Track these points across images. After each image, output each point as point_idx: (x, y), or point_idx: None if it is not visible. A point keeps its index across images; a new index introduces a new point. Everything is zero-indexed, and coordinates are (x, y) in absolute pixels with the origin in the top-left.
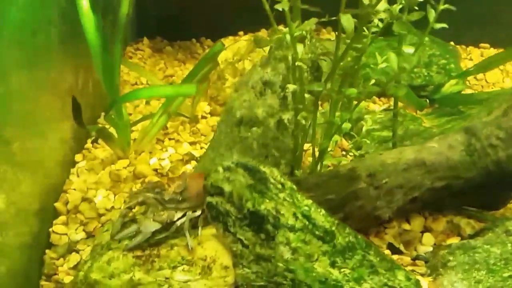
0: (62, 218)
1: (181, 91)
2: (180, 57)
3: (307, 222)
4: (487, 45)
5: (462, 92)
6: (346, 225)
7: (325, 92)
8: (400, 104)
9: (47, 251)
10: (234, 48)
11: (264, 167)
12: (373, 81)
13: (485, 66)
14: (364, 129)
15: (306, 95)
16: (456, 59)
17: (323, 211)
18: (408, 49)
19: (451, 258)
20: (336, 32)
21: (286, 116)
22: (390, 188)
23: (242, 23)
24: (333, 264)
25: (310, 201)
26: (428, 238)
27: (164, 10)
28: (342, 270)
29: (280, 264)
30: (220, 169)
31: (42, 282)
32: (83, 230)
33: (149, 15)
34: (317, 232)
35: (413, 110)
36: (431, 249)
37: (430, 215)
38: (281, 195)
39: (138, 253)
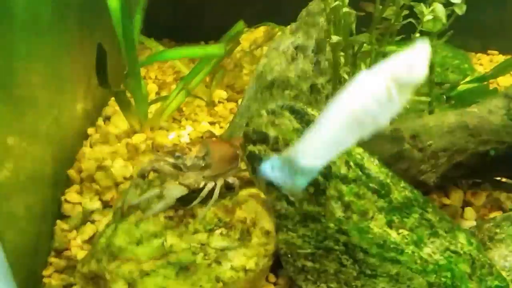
0: (76, 187)
1: (209, 52)
2: (188, 63)
3: (360, 172)
4: (496, 52)
5: None
6: (400, 178)
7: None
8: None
9: (58, 222)
10: (251, 38)
11: (312, 109)
12: None
13: (503, 69)
14: None
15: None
16: (468, 60)
17: (376, 161)
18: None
19: (497, 230)
20: None
21: (320, 81)
22: (434, 151)
23: (249, 24)
24: (390, 224)
25: (361, 149)
26: (470, 213)
27: (171, 12)
28: (400, 231)
29: (331, 224)
30: (264, 112)
31: (51, 259)
32: (99, 199)
33: (156, 17)
34: (371, 185)
35: None
36: (474, 223)
37: (469, 190)
38: None
39: (171, 213)
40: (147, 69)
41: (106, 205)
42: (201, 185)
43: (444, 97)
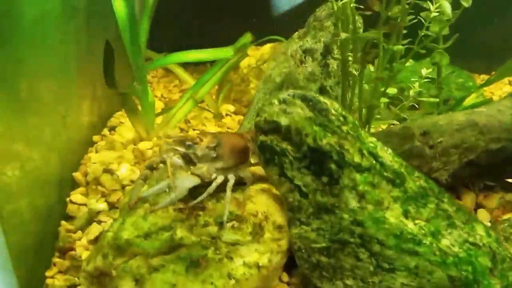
0: (81, 189)
1: (218, 55)
2: (194, 76)
3: (374, 161)
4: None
5: None
6: (414, 167)
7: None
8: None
9: (62, 222)
10: (257, 55)
11: (324, 98)
12: None
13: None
14: (411, 92)
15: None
16: (472, 79)
17: (389, 150)
18: None
19: None
20: None
21: (329, 83)
22: (445, 148)
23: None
24: (406, 214)
25: (374, 138)
26: (483, 214)
27: (176, 33)
28: (416, 221)
29: (346, 216)
30: (275, 101)
31: (55, 259)
32: (105, 201)
33: (161, 38)
34: (386, 174)
35: None
36: (489, 224)
37: (481, 192)
38: (344, 128)
39: (180, 205)
40: (153, 87)
41: (112, 206)
42: (213, 177)
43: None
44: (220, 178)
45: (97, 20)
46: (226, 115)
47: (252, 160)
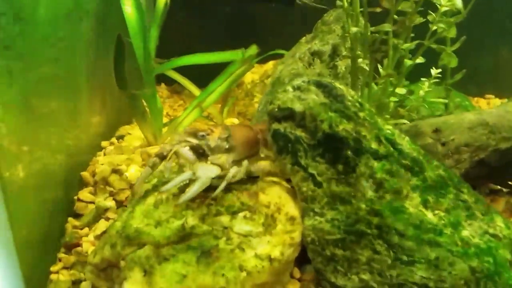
0: (89, 188)
1: (226, 57)
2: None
3: (391, 148)
4: (492, 96)
5: None
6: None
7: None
8: None
9: (69, 219)
10: (261, 71)
11: (339, 84)
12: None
13: None
14: (421, 93)
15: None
16: (468, 100)
17: (407, 137)
18: None
19: None
20: None
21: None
22: (457, 146)
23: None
24: (425, 204)
25: (391, 126)
26: None
27: (181, 47)
28: (436, 211)
29: (363, 205)
30: (289, 88)
31: (61, 255)
32: (113, 199)
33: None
34: (404, 161)
35: None
36: None
37: (487, 197)
38: (361, 114)
39: None
40: None
41: (120, 204)
42: (228, 167)
43: None
44: (233, 169)
45: (108, 31)
46: None
47: (262, 154)
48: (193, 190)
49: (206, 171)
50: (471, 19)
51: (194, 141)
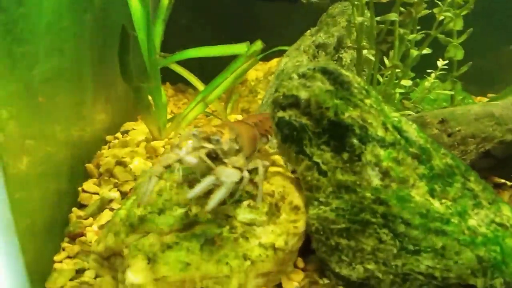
0: (93, 180)
1: (232, 50)
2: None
3: (398, 136)
4: (495, 95)
5: None
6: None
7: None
8: None
9: (74, 209)
10: (265, 69)
11: (346, 71)
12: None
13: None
14: (426, 84)
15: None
16: (471, 97)
17: (414, 125)
18: None
19: None
20: None
21: None
22: (463, 137)
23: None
24: (431, 193)
25: (398, 113)
26: None
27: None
28: (443, 200)
29: (368, 194)
30: (295, 75)
31: (64, 244)
32: (118, 190)
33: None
34: (411, 149)
35: None
36: None
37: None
38: (367, 101)
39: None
40: None
41: (124, 195)
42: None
43: None
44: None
45: (112, 27)
46: None
47: (271, 149)
48: (219, 196)
49: (230, 176)
50: (474, 19)
51: (210, 146)
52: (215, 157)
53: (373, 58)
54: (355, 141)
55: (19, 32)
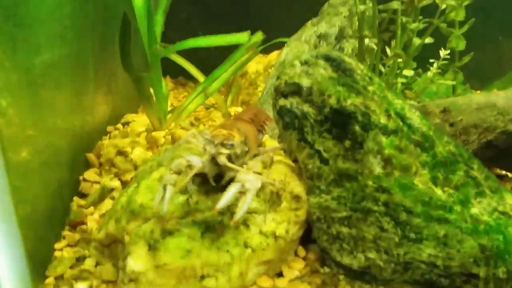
0: (94, 169)
1: (232, 40)
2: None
3: (401, 123)
4: (495, 90)
5: None
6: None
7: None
8: None
9: (75, 198)
10: (265, 61)
11: (349, 57)
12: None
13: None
14: (429, 74)
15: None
16: (471, 91)
17: (418, 112)
18: None
19: None
20: None
21: None
22: (465, 127)
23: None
24: (434, 181)
25: (401, 100)
26: None
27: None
28: (445, 189)
29: (370, 182)
30: (297, 63)
31: (65, 232)
32: (119, 179)
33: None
34: (414, 137)
35: None
36: None
37: None
38: (370, 88)
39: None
40: None
41: (125, 185)
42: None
43: None
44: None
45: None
46: (235, 114)
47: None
48: (246, 206)
49: (254, 183)
50: (474, 13)
51: (226, 151)
52: (229, 161)
53: (375, 47)
54: (357, 128)
55: (21, 17)
